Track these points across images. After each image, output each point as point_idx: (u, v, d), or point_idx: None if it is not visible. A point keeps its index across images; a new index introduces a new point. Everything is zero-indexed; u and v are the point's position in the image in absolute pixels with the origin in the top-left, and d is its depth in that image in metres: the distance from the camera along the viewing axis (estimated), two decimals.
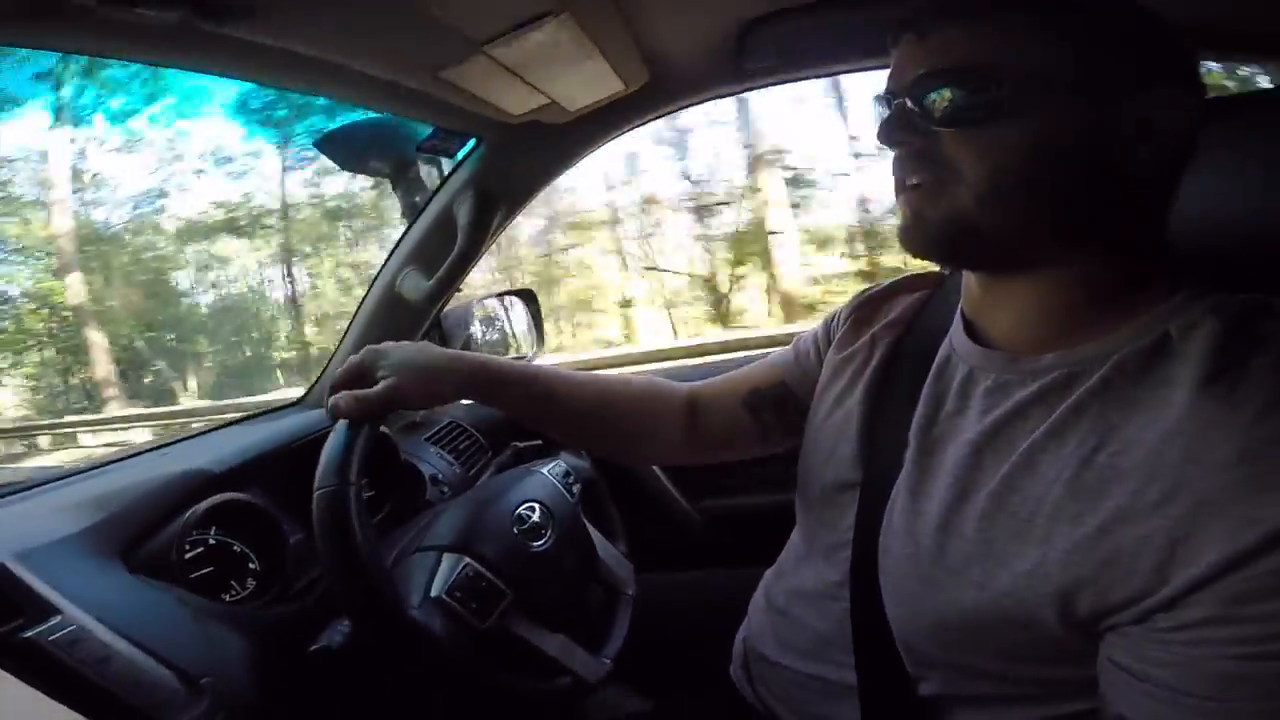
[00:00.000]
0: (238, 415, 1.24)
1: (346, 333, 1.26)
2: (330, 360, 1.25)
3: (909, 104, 0.50)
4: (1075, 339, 0.49)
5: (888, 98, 0.53)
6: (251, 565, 0.79)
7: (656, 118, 0.96)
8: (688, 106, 0.94)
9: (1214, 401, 0.41)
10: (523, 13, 0.61)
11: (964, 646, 0.51)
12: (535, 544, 0.76)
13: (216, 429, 1.12)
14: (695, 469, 1.34)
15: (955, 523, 0.50)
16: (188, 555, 0.73)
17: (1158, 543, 0.39)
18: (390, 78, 0.70)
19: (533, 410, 0.79)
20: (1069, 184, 0.48)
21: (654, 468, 1.34)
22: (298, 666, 0.68)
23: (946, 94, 0.48)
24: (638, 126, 0.98)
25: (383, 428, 0.79)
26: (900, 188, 0.53)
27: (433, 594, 0.67)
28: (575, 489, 0.86)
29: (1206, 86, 0.49)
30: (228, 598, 0.75)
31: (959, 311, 0.60)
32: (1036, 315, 0.52)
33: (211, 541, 0.76)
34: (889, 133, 0.52)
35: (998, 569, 0.46)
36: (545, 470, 0.85)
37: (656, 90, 0.87)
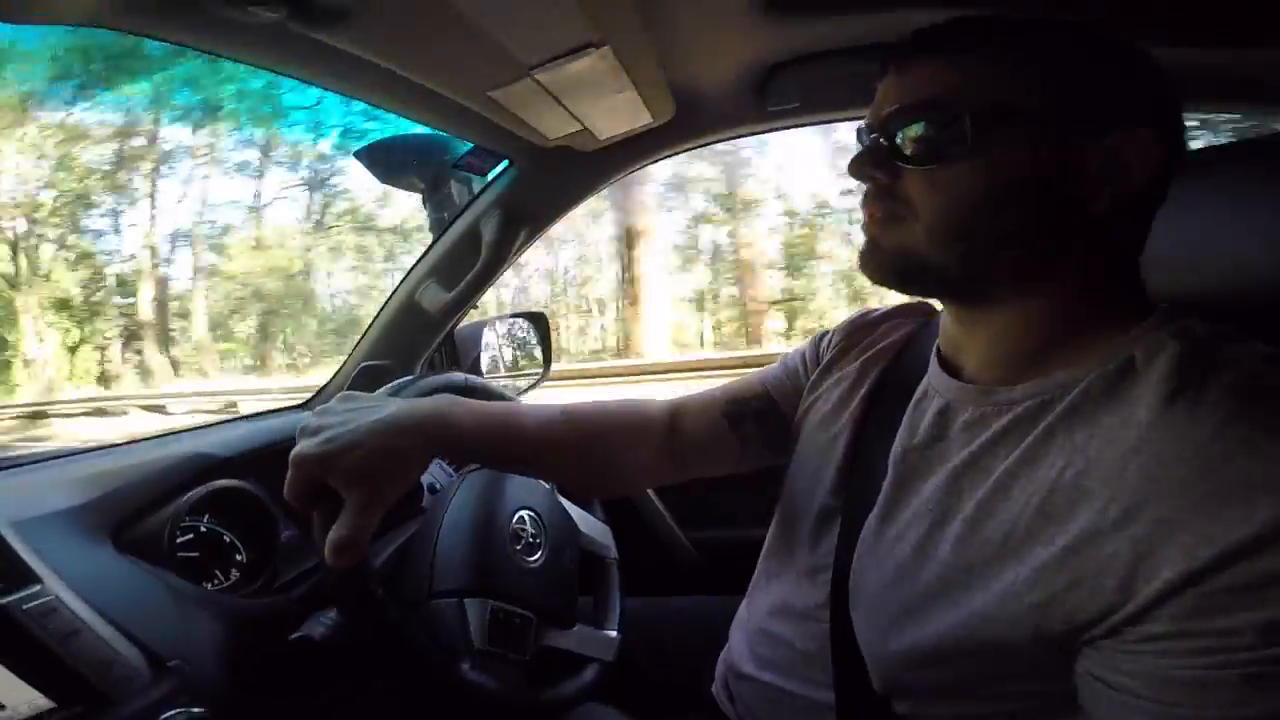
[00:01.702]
0: (245, 413, 1.25)
1: (363, 338, 1.29)
2: (343, 365, 1.28)
3: (880, 139, 0.52)
4: (1045, 370, 0.50)
5: (863, 132, 0.55)
6: (239, 556, 0.80)
7: (679, 152, 1.02)
8: (710, 143, 1.01)
9: (1173, 421, 0.41)
10: (569, 42, 0.67)
11: (939, 669, 0.51)
12: (533, 558, 0.79)
13: (224, 422, 1.13)
14: (689, 499, 1.36)
15: (931, 549, 0.51)
16: (178, 540, 0.73)
17: (1121, 560, 0.40)
18: (446, 93, 0.75)
19: (506, 459, 0.72)
20: (1027, 223, 0.49)
21: (651, 496, 1.36)
22: (275, 656, 0.69)
23: (913, 130, 0.50)
24: (660, 159, 1.04)
25: None
26: (866, 217, 0.55)
27: (477, 646, 0.70)
28: None
29: (1185, 130, 0.50)
30: (210, 586, 0.75)
31: (936, 346, 0.61)
32: (1006, 349, 0.53)
33: (203, 529, 0.77)
34: (857, 168, 0.54)
35: (973, 592, 0.47)
36: None
37: (681, 125, 0.93)
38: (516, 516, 0.81)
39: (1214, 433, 0.40)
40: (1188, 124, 0.52)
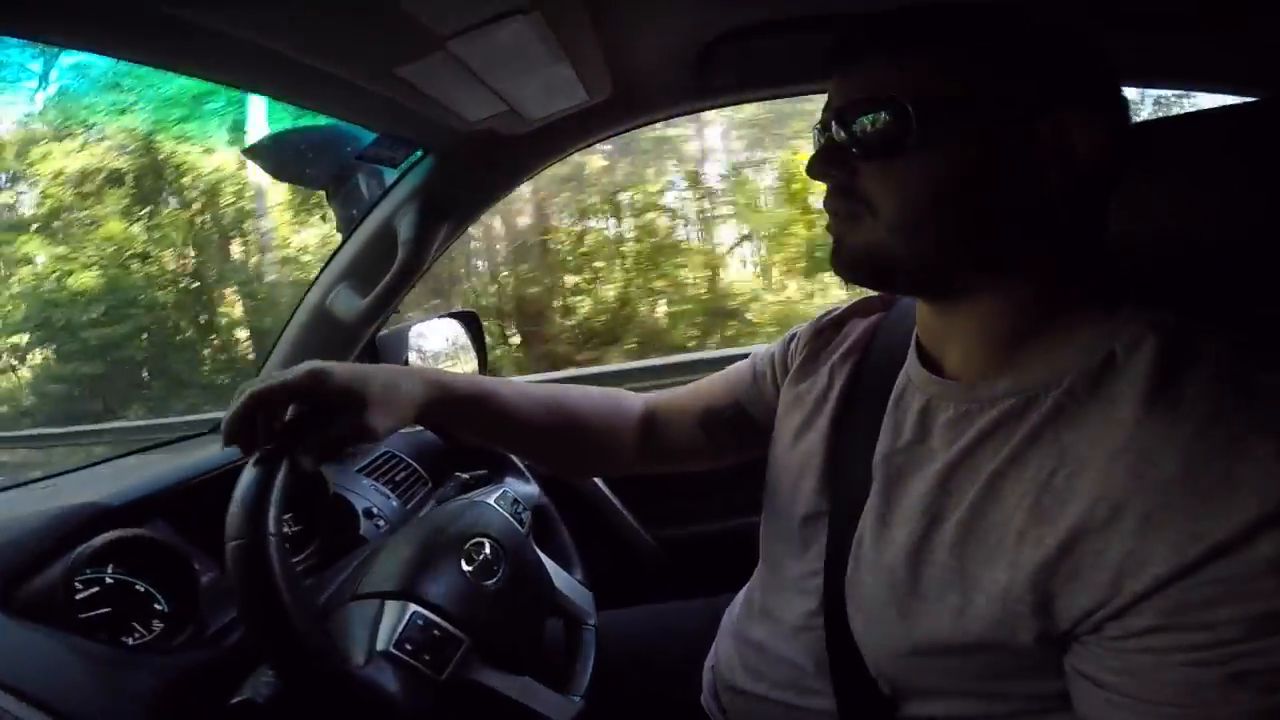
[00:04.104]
0: (140, 445, 1.12)
1: (269, 355, 1.16)
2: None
3: (834, 137, 0.53)
4: (1024, 363, 0.51)
5: (817, 132, 0.55)
6: (157, 606, 0.71)
7: (617, 133, 0.94)
8: (649, 123, 0.93)
9: (1157, 419, 0.42)
10: (491, 8, 0.58)
11: (942, 671, 0.51)
12: (488, 582, 0.70)
13: (116, 457, 1.02)
14: (652, 498, 1.32)
15: (927, 551, 0.51)
16: (81, 596, 0.66)
17: (1110, 557, 0.41)
18: (343, 74, 0.65)
19: (488, 428, 0.76)
20: (982, 211, 0.49)
21: (612, 499, 1.31)
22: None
23: (864, 123, 0.50)
24: (595, 142, 0.96)
25: None
26: (830, 216, 0.56)
27: (379, 648, 0.60)
28: (525, 517, 0.81)
29: (1130, 110, 0.51)
30: (130, 641, 0.67)
31: (914, 339, 0.61)
32: (983, 342, 0.53)
33: (109, 580, 0.69)
34: (815, 167, 0.54)
35: (973, 594, 0.47)
36: (491, 500, 0.79)
37: (619, 104, 0.85)
38: (475, 540, 0.72)
39: (1197, 430, 0.41)
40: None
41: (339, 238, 1.08)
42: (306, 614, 0.54)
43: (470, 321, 1.38)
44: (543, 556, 0.80)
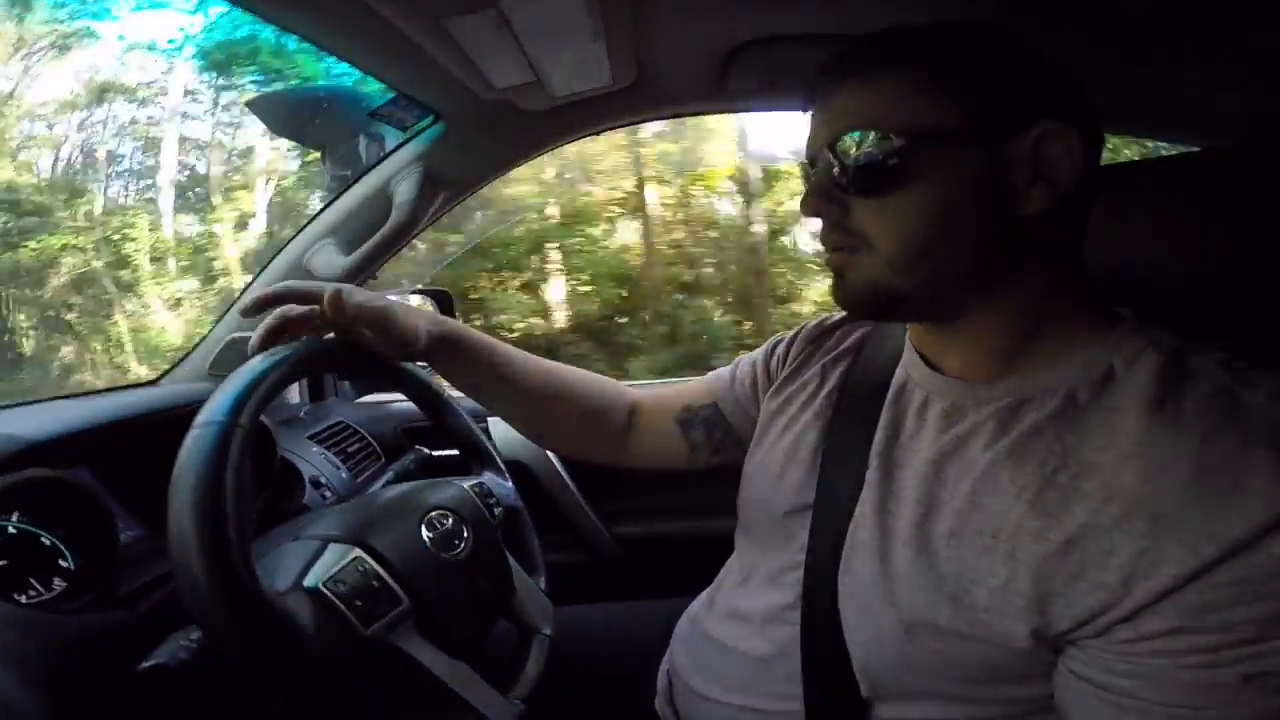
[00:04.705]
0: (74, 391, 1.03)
1: (233, 305, 1.11)
2: (208, 335, 1.10)
3: (822, 173, 0.53)
4: (1024, 370, 0.52)
5: (805, 168, 0.56)
6: (63, 563, 0.64)
7: (631, 123, 0.96)
8: (663, 116, 0.96)
9: (1163, 426, 0.43)
10: None
11: (929, 668, 0.51)
12: (446, 554, 0.64)
13: (46, 400, 0.92)
14: (614, 492, 1.31)
15: (924, 540, 0.50)
16: None
17: (1120, 557, 0.41)
18: (395, 19, 0.64)
19: (489, 382, 0.78)
20: (974, 237, 0.50)
21: (573, 488, 1.29)
22: (119, 689, 0.55)
23: (854, 158, 0.50)
24: (607, 129, 0.97)
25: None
26: (828, 252, 0.56)
27: (307, 583, 0.54)
28: (498, 512, 0.77)
29: (1103, 131, 0.52)
30: (23, 599, 0.60)
31: (910, 344, 0.61)
32: (980, 354, 0.54)
33: (11, 530, 0.62)
34: (808, 205, 0.54)
35: (972, 586, 0.47)
36: (465, 484, 0.75)
37: (639, 93, 0.87)
38: (440, 511, 0.67)
39: (1206, 436, 0.42)
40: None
41: None
42: (241, 528, 0.49)
43: (442, 300, 1.36)
44: (509, 556, 0.75)
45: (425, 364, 0.76)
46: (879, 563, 0.53)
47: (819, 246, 0.61)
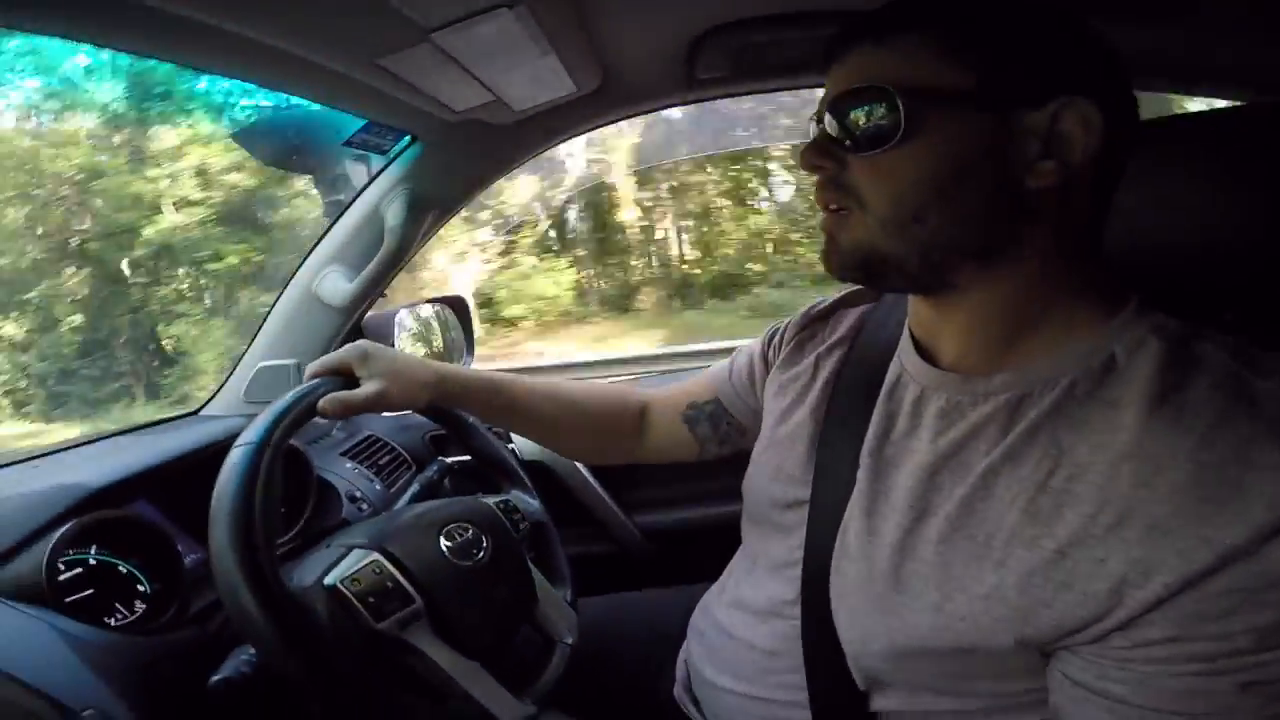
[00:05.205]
0: (124, 426, 1.11)
1: (257, 334, 1.16)
2: (234, 369, 1.15)
3: (826, 129, 0.51)
4: (1023, 358, 0.50)
5: (812, 123, 0.54)
6: (140, 587, 0.71)
7: (606, 123, 0.93)
8: (637, 114, 0.92)
9: (1162, 426, 0.41)
10: (477, 2, 0.57)
11: (919, 666, 0.51)
12: (463, 562, 0.68)
13: (100, 438, 1.00)
14: (635, 485, 1.32)
15: (912, 545, 0.50)
16: (63, 577, 0.65)
17: (1113, 565, 0.40)
18: (327, 63, 0.64)
19: (498, 416, 0.82)
20: (977, 204, 0.47)
21: (594, 483, 1.31)
22: (196, 700, 0.61)
23: (854, 116, 0.49)
24: (585, 131, 0.95)
25: (293, 440, 0.71)
26: (822, 211, 0.54)
27: (326, 581, 0.59)
28: (523, 527, 0.80)
29: (1137, 104, 0.49)
30: (113, 622, 0.67)
31: (907, 331, 0.60)
32: (980, 335, 0.52)
33: (92, 561, 0.69)
34: (806, 159, 0.53)
35: (955, 593, 0.46)
36: (491, 501, 0.78)
37: (608, 94, 0.84)
38: (460, 523, 0.71)
39: (1202, 438, 0.40)
40: None
41: None
42: (268, 531, 0.56)
43: (459, 306, 1.37)
44: (532, 568, 0.77)
45: None
46: (867, 567, 0.52)
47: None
